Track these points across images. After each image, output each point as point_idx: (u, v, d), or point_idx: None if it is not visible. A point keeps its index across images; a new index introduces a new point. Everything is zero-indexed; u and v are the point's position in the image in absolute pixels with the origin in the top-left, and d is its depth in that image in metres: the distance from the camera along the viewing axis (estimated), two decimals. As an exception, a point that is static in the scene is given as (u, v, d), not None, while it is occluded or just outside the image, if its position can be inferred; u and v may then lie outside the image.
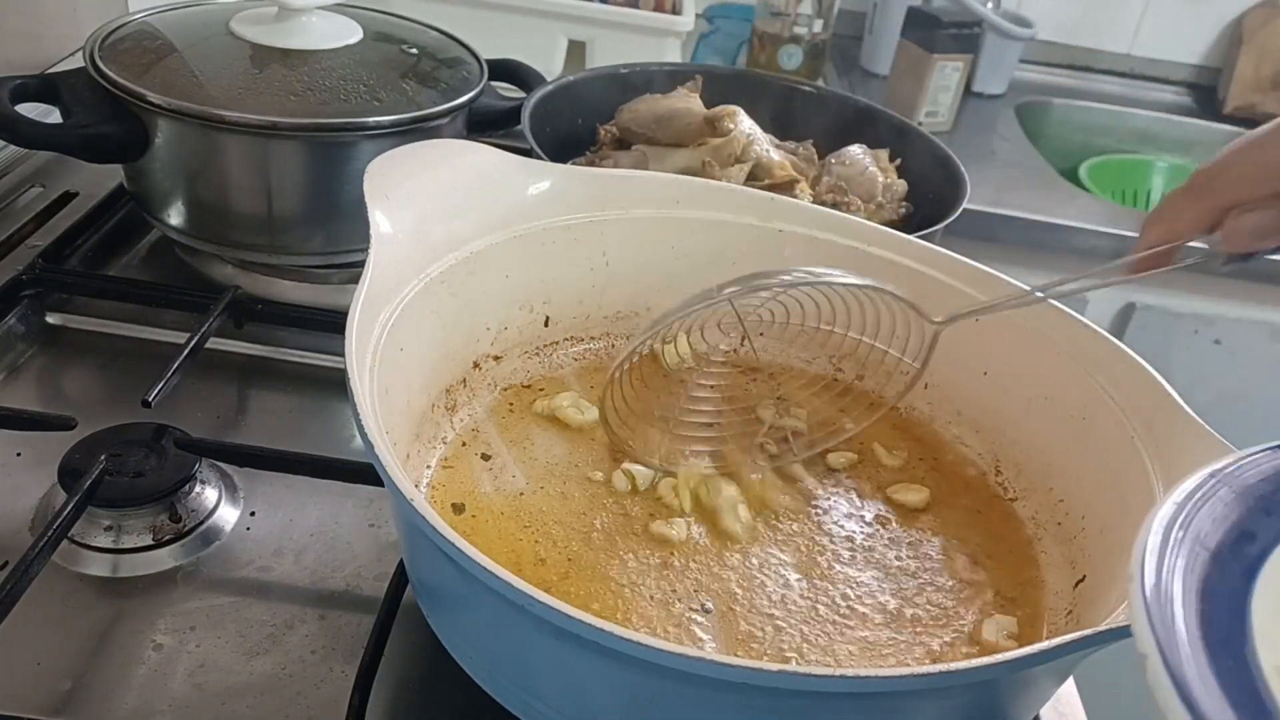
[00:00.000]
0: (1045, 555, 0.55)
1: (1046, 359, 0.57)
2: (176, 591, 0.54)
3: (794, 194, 0.78)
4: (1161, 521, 0.30)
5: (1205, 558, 0.29)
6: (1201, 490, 0.32)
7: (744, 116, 0.83)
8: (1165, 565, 0.29)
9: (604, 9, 1.19)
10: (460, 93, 0.78)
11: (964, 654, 0.48)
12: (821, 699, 0.38)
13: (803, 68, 1.44)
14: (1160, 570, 0.28)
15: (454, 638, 0.46)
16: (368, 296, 0.48)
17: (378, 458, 0.40)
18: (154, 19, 0.79)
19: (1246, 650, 0.27)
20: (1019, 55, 1.58)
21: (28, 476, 0.59)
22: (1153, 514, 0.30)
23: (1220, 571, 0.29)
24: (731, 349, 0.63)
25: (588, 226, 0.61)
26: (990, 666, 0.38)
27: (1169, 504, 0.31)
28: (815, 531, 0.54)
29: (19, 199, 0.83)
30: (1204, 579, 0.29)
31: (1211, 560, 0.29)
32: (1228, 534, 0.31)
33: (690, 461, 0.56)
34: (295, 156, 0.73)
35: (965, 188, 0.83)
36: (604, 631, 0.35)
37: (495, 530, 0.52)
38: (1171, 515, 0.31)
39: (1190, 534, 0.30)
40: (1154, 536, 0.30)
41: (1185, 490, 0.32)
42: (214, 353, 0.70)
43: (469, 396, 0.59)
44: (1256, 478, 0.33)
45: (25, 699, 0.48)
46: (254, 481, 0.61)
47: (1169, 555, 0.29)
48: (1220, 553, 0.30)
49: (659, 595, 0.49)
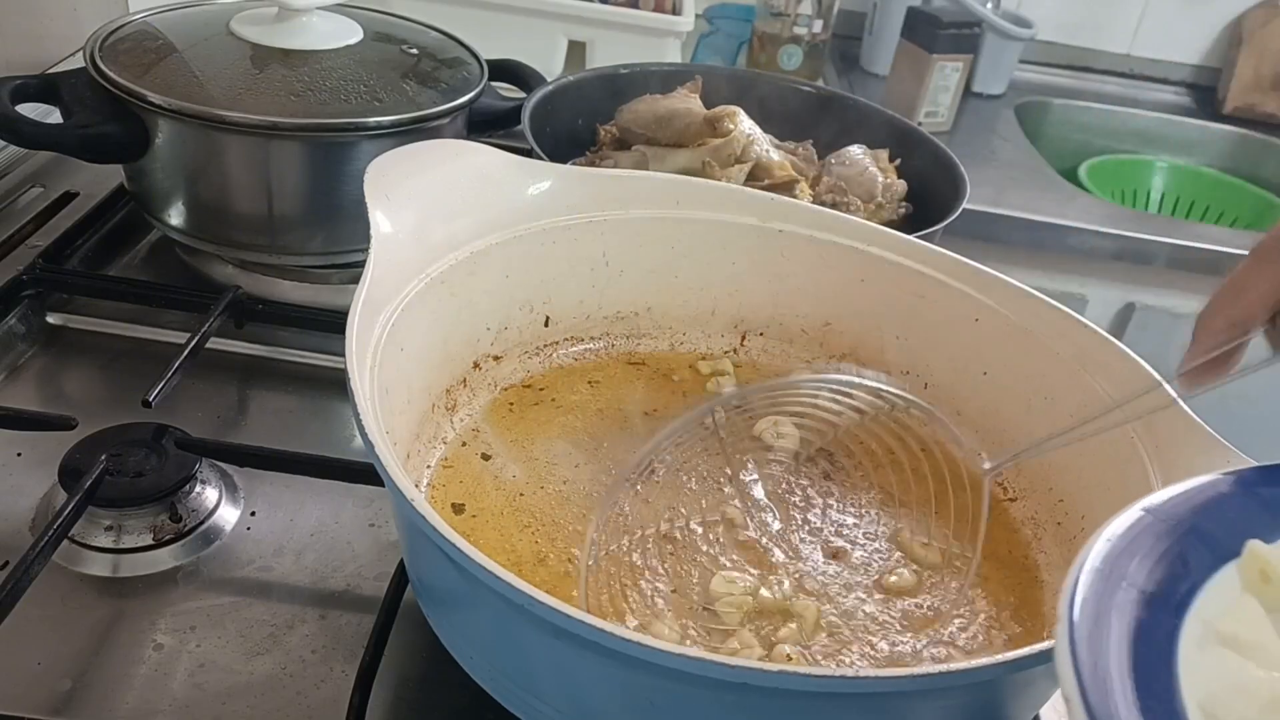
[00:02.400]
0: (1045, 555, 0.55)
1: (1046, 359, 0.57)
2: (176, 591, 0.54)
3: (794, 194, 0.78)
4: (1094, 560, 0.30)
5: (1135, 595, 0.29)
6: (1134, 527, 0.32)
7: (744, 117, 0.83)
8: (1099, 605, 0.28)
9: (604, 9, 1.19)
10: (460, 93, 0.78)
11: (963, 654, 0.48)
12: (821, 699, 0.38)
13: (803, 68, 1.44)
14: (1094, 610, 0.28)
15: (454, 638, 0.46)
16: (368, 296, 0.48)
17: (378, 458, 0.40)
18: (154, 19, 0.79)
19: (1173, 689, 0.27)
20: (1019, 55, 1.58)
21: (28, 476, 0.59)
22: (1084, 552, 0.30)
23: (1151, 609, 0.29)
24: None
25: (588, 226, 0.61)
26: (990, 666, 0.38)
27: (1101, 541, 0.31)
28: (815, 535, 0.54)
29: (19, 199, 0.83)
30: (1136, 617, 0.29)
31: (1141, 598, 0.29)
32: (1161, 571, 0.30)
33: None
34: (295, 156, 0.73)
35: (965, 188, 0.83)
36: (604, 631, 0.35)
37: (495, 530, 0.52)
38: (1105, 553, 0.30)
39: (1121, 572, 0.30)
40: (1085, 575, 0.29)
41: (1118, 528, 0.31)
42: (214, 353, 0.70)
43: (469, 396, 0.59)
44: (1189, 511, 0.33)
45: (25, 699, 0.48)
46: (254, 481, 0.61)
47: (1102, 594, 0.29)
48: (1151, 591, 0.30)
49: (660, 595, 0.49)
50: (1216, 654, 0.29)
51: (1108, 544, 0.31)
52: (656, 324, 0.66)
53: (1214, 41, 1.69)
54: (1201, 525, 0.32)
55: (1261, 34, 1.61)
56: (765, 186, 0.78)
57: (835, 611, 0.49)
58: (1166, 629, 0.29)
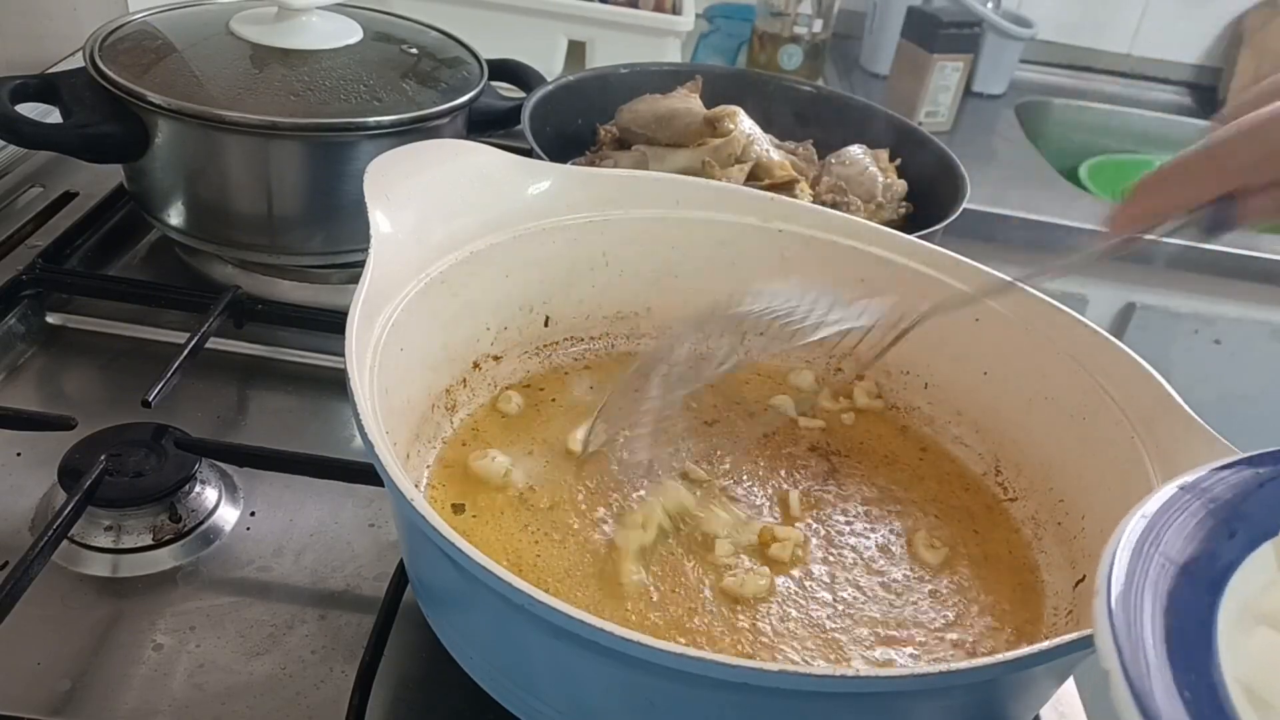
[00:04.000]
0: (1045, 555, 0.55)
1: (1046, 359, 0.57)
2: (176, 591, 0.54)
3: (794, 194, 0.78)
4: (1131, 536, 0.30)
5: (1173, 571, 0.29)
6: (1171, 504, 0.32)
7: (744, 116, 0.83)
8: (1133, 580, 0.28)
9: (604, 9, 1.19)
10: (460, 93, 0.78)
11: (963, 654, 0.48)
12: (821, 699, 0.38)
13: (803, 68, 1.44)
14: (1128, 584, 0.28)
15: (454, 638, 0.46)
16: (368, 296, 0.48)
17: (378, 458, 0.40)
18: (154, 19, 0.79)
19: (1211, 664, 0.27)
20: (1019, 55, 1.58)
21: (28, 476, 0.59)
22: (1121, 528, 0.30)
23: (1188, 585, 0.29)
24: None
25: (588, 226, 0.61)
26: (990, 666, 0.38)
27: (1137, 517, 0.31)
28: (815, 535, 0.54)
29: (19, 199, 0.83)
30: (1171, 593, 0.29)
31: (1179, 574, 0.29)
32: (1196, 548, 0.30)
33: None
34: (295, 156, 0.73)
35: (965, 188, 0.83)
36: (604, 631, 0.35)
37: (495, 530, 0.52)
38: (1142, 530, 0.30)
39: (1159, 548, 0.30)
40: (1122, 551, 0.29)
41: (1155, 504, 0.31)
42: (214, 353, 0.70)
43: (469, 396, 0.59)
44: (1227, 491, 0.33)
45: (25, 699, 0.48)
46: (254, 481, 0.61)
47: (1137, 570, 0.29)
48: (1188, 566, 0.30)
49: (659, 594, 0.49)
50: (1256, 632, 0.29)
51: (1144, 520, 0.31)
52: (656, 324, 0.66)
53: (1214, 41, 1.69)
54: (1237, 504, 0.32)
55: (1262, 34, 1.61)
56: (765, 186, 0.78)
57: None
58: (1204, 605, 0.29)
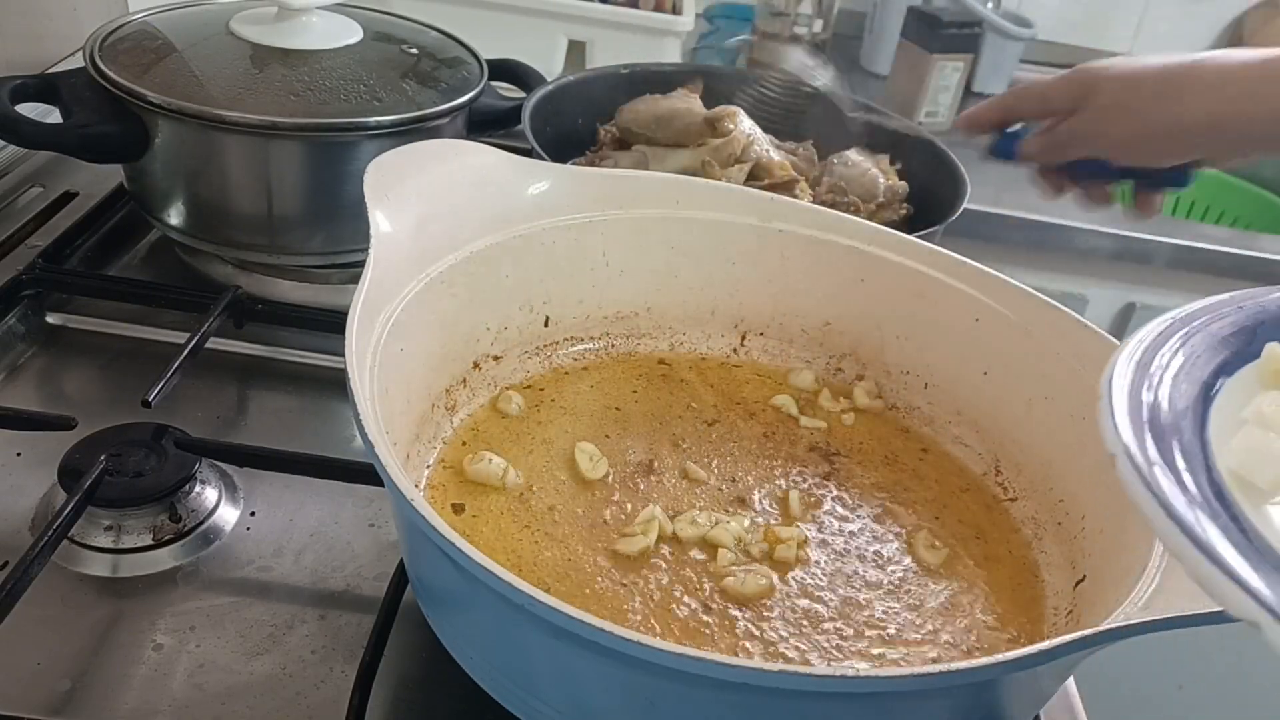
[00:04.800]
0: (1045, 555, 0.55)
1: (1046, 359, 0.57)
2: (176, 591, 0.54)
3: (794, 194, 0.78)
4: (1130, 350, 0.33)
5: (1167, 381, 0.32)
6: (1165, 331, 0.34)
7: (744, 117, 0.83)
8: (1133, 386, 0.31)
9: (604, 9, 1.19)
10: (460, 93, 0.78)
11: (962, 654, 0.48)
12: (821, 699, 0.38)
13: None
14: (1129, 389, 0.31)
15: (454, 638, 0.46)
16: (368, 296, 0.48)
17: (378, 458, 0.40)
18: (154, 19, 0.79)
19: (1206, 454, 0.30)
20: (1019, 55, 1.58)
21: (28, 476, 0.59)
22: (1120, 348, 0.33)
23: (1182, 391, 0.32)
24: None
25: (588, 226, 0.61)
26: (990, 666, 0.38)
27: (1134, 341, 0.34)
28: (816, 535, 0.54)
29: (19, 199, 0.83)
30: (1168, 398, 0.31)
31: (1173, 383, 0.32)
32: (1187, 365, 0.33)
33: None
34: (295, 156, 0.73)
35: (965, 188, 0.83)
36: (604, 631, 0.35)
37: (495, 530, 0.52)
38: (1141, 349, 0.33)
39: (1151, 362, 0.33)
40: (1122, 362, 0.32)
41: (1150, 331, 0.34)
42: (214, 353, 0.70)
43: (469, 396, 0.59)
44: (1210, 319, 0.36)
45: (25, 699, 0.48)
46: (254, 481, 0.61)
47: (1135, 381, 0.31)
48: (1180, 376, 0.32)
49: (660, 594, 0.49)
50: (1243, 431, 0.31)
51: (1140, 343, 0.33)
52: (656, 324, 0.66)
53: (1214, 41, 1.69)
54: (1221, 332, 0.35)
55: (1262, 34, 1.61)
56: (765, 186, 0.78)
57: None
58: (1197, 411, 0.31)
